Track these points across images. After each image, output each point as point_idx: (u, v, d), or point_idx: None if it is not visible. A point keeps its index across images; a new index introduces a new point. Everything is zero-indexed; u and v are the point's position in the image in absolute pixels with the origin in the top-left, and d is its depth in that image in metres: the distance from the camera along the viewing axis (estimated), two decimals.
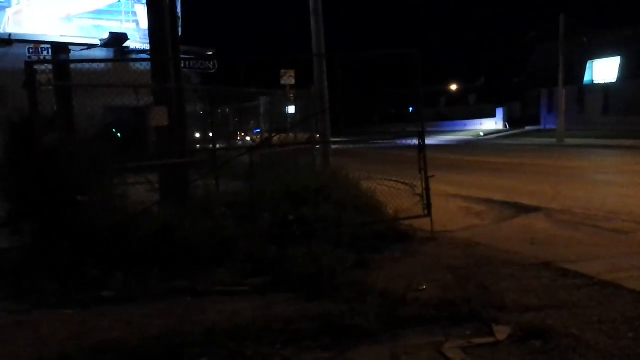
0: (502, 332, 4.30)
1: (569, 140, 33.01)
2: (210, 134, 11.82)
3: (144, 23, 15.72)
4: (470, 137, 47.87)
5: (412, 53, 8.16)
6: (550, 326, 4.33)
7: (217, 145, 10.86)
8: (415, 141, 8.30)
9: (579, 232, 8.13)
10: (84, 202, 6.50)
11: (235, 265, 6.23)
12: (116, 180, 7.06)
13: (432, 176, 8.28)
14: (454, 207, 10.67)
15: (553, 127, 37.66)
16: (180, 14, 19.72)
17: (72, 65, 11.75)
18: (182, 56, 11.15)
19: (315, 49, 13.89)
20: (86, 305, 5.35)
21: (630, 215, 8.99)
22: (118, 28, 21.69)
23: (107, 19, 21.92)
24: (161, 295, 5.55)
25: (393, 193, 9.36)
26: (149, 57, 10.56)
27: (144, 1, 13.69)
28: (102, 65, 10.37)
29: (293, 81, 17.24)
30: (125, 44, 21.46)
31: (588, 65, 44.82)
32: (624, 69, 41.97)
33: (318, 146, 13.32)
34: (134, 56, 21.66)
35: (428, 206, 8.23)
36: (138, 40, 21.73)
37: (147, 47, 10.25)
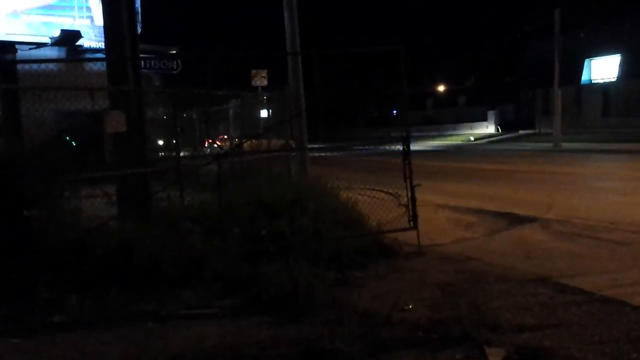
0: (495, 355, 4.32)
1: (566, 145, 33.43)
2: (174, 141, 11.77)
3: (100, 19, 15.61)
4: (460, 142, 48.26)
5: (396, 50, 8.20)
6: (547, 347, 4.35)
7: (182, 153, 10.81)
8: (399, 147, 8.34)
9: (577, 244, 8.21)
10: (31, 217, 6.41)
11: (203, 286, 6.19)
12: (68, 192, 6.97)
13: (419, 185, 8.31)
14: (443, 219, 10.71)
15: (549, 130, 38.10)
16: (139, 9, 19.65)
17: (20, 67, 11.64)
18: (141, 55, 11.08)
19: (290, 46, 13.92)
20: (36, 332, 5.27)
21: (632, 225, 9.11)
22: (70, 25, 21.51)
23: (58, 15, 21.73)
24: (120, 320, 5.49)
25: (376, 204, 9.37)
26: (104, 56, 10.48)
27: None
28: (53, 66, 10.28)
29: (265, 82, 17.26)
30: (79, 42, 21.28)
31: (586, 64, 45.53)
32: (624, 68, 42.68)
33: (294, 153, 13.32)
34: (88, 55, 21.50)
35: (414, 218, 8.26)
36: (93, 38, 21.58)
37: (102, 45, 10.18)
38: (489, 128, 55.57)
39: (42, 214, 6.49)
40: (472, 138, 50.07)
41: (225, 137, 16.67)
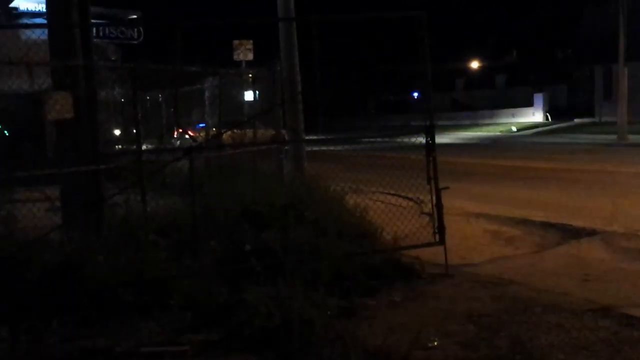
0: None
1: (633, 137, 33.38)
2: (135, 131, 11.75)
3: None
4: (499, 133, 48.34)
5: (417, 16, 8.19)
6: None
7: (145, 146, 10.79)
8: (421, 139, 8.33)
9: None
10: None
11: (170, 316, 6.20)
12: None
13: (446, 188, 8.30)
14: (477, 231, 10.72)
15: (612, 119, 38.05)
16: None
17: None
18: (93, 21, 11.07)
19: (282, 10, 13.88)
20: None
21: None
22: None
23: None
24: None
25: (392, 211, 9.37)
26: (45, 22, 10.47)
27: None
28: None
29: (251, 56, 17.22)
30: (13, 4, 21.31)
31: None
32: None
33: (287, 147, 13.31)
34: (24, 21, 21.47)
35: (440, 230, 8.24)
36: None
37: (44, 8, 10.15)
38: (535, 115, 55.60)
39: None
40: (514, 128, 50.11)
41: (200, 125, 16.66)
